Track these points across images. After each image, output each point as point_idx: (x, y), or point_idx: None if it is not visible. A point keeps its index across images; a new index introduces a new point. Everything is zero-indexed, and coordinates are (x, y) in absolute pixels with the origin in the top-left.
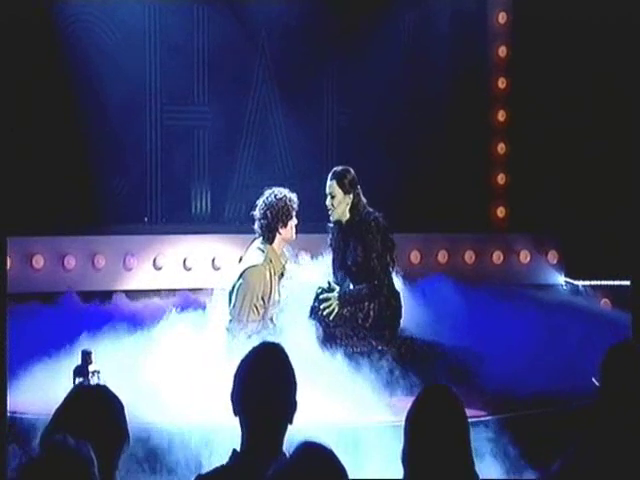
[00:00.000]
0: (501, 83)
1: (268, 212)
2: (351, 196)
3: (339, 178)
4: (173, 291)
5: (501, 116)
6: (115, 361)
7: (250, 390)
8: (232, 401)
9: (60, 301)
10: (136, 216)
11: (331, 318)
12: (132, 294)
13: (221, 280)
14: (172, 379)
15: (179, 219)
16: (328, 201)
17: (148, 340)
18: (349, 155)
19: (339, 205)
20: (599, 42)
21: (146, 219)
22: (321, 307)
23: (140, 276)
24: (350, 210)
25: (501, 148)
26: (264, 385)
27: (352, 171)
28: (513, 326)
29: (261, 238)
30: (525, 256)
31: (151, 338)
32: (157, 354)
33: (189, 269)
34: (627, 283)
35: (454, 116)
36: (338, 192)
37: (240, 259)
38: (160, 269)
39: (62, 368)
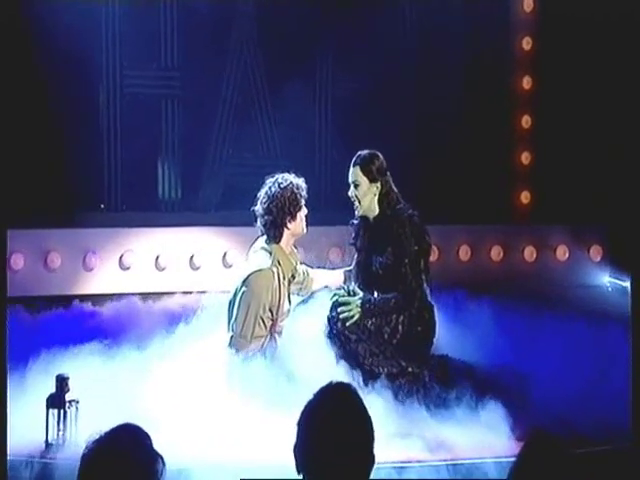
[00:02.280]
0: (526, 43)
1: (272, 205)
2: (378, 185)
3: (364, 164)
4: (144, 295)
5: (526, 83)
6: (91, 388)
7: (320, 443)
8: (296, 456)
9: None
10: (91, 203)
11: (347, 324)
12: (96, 299)
13: (203, 281)
14: (163, 410)
15: (142, 206)
16: (351, 191)
17: (126, 360)
18: (347, 132)
19: (364, 196)
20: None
21: (102, 206)
22: (338, 310)
23: (104, 278)
24: (379, 203)
25: (526, 121)
26: (337, 437)
27: (381, 156)
28: (557, 338)
29: (265, 237)
30: (563, 252)
31: (129, 358)
32: (140, 378)
33: (162, 269)
34: None
35: (469, 84)
36: (362, 180)
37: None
38: (128, 269)
39: (16, 396)
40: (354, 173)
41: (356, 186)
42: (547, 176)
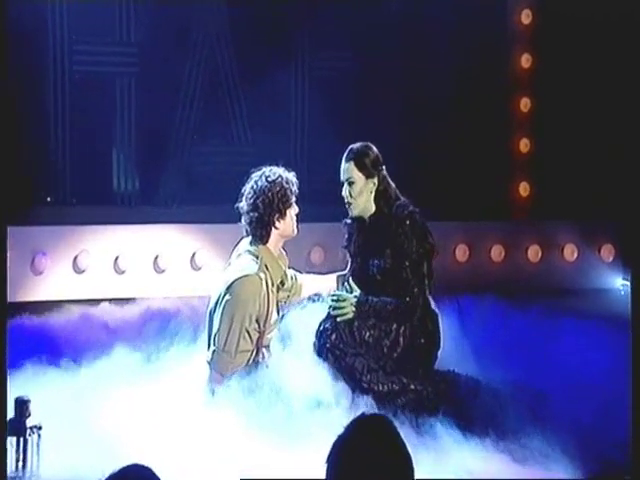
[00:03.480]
0: (526, 17)
1: (259, 201)
2: (375, 181)
3: (358, 158)
4: (102, 301)
5: (525, 62)
6: (54, 411)
7: None
8: None
9: None
10: (36, 196)
11: (339, 332)
12: (47, 307)
13: (169, 286)
14: (134, 436)
15: (95, 200)
16: (345, 191)
17: (89, 377)
18: (329, 117)
19: (360, 194)
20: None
21: (49, 199)
22: (329, 304)
23: (56, 282)
24: (376, 200)
25: (524, 104)
26: (374, 477)
27: (374, 148)
28: (568, 348)
29: (251, 237)
30: (571, 252)
31: (92, 375)
32: (108, 398)
33: (122, 272)
34: None
35: (463, 63)
36: (358, 177)
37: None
38: (83, 272)
39: None
40: (347, 169)
41: (350, 184)
42: (549, 166)
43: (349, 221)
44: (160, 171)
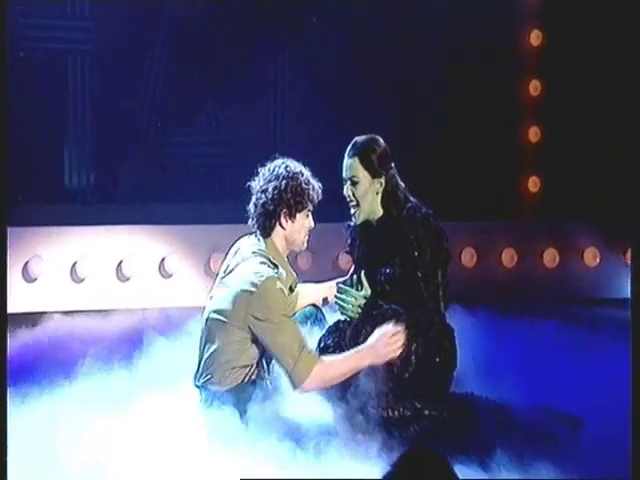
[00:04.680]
0: None
1: (270, 185)
2: (382, 180)
3: (364, 153)
4: (59, 314)
5: (535, 39)
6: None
7: None
8: None
9: None
10: None
11: (341, 314)
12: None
13: (135, 296)
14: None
15: (44, 198)
16: (346, 190)
17: (49, 404)
18: (313, 100)
19: (365, 196)
20: None
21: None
22: (335, 296)
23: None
24: (383, 202)
25: (534, 87)
26: None
27: (382, 141)
28: (597, 366)
29: (255, 226)
30: (593, 256)
31: (51, 401)
32: (73, 425)
33: (81, 280)
34: None
35: (466, 39)
36: (363, 176)
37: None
38: (35, 280)
39: None
40: (351, 167)
41: (354, 184)
42: (562, 158)
43: (352, 224)
44: (120, 164)
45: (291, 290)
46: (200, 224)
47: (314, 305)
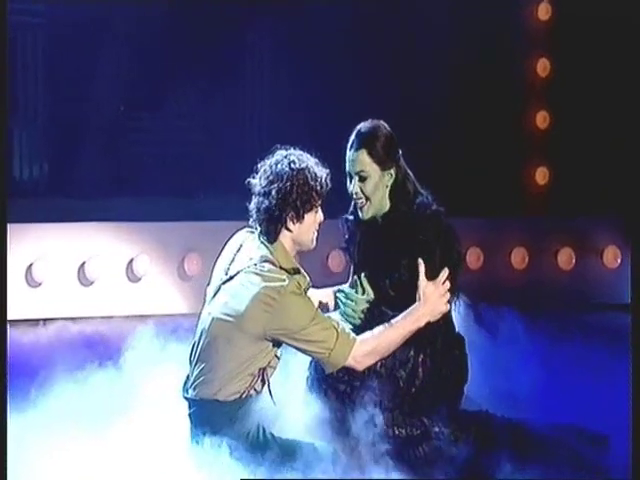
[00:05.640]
0: None
1: (273, 188)
2: (392, 172)
3: (370, 144)
4: (12, 323)
5: (544, 13)
6: None
7: None
8: None
9: None
10: None
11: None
12: None
13: (100, 302)
14: None
15: None
16: (353, 186)
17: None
18: (297, 80)
19: (375, 191)
20: None
21: None
22: (336, 301)
23: None
24: (391, 195)
25: (543, 67)
26: None
27: (387, 127)
28: (619, 379)
29: (259, 234)
30: (614, 256)
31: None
32: (37, 443)
33: (37, 284)
34: None
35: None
36: (372, 170)
37: (222, 281)
38: None
39: None
40: (358, 160)
41: (363, 179)
42: (574, 145)
43: (351, 217)
44: (81, 153)
45: (304, 292)
46: (173, 221)
47: None
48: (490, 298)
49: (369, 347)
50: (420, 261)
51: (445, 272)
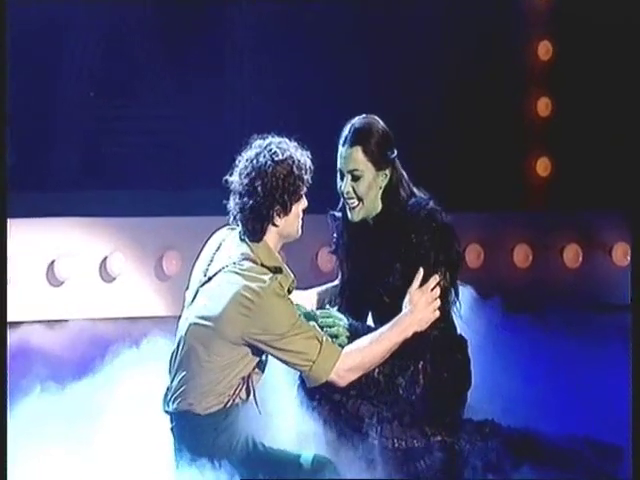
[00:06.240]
0: None
1: (258, 184)
2: (387, 172)
3: (365, 141)
4: None
5: None
6: None
7: None
8: None
9: None
10: None
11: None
12: None
13: (72, 303)
14: None
15: None
16: (345, 186)
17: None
18: (282, 67)
19: (369, 192)
20: None
21: None
22: (319, 322)
23: None
24: (384, 195)
25: (545, 49)
26: None
27: (381, 122)
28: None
29: (240, 230)
30: (624, 253)
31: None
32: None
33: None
34: None
35: None
36: (367, 168)
37: (202, 283)
38: None
39: None
40: (352, 158)
41: (356, 178)
42: (577, 134)
43: (338, 214)
44: (50, 142)
45: (288, 292)
46: (150, 216)
47: None
48: (491, 299)
49: (353, 361)
50: (420, 269)
51: (435, 278)
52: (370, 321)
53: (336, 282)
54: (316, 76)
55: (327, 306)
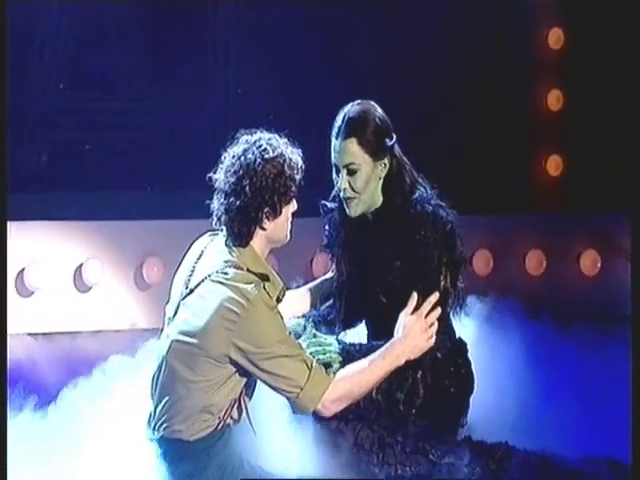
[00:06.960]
0: None
1: (246, 184)
2: (386, 161)
3: (361, 131)
4: None
5: None
6: None
7: None
8: None
9: None
10: None
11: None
12: None
13: (43, 314)
14: None
15: None
16: (342, 181)
17: None
18: (269, 59)
19: (367, 185)
20: None
21: None
22: (308, 345)
23: None
24: (384, 187)
25: (556, 38)
26: None
27: (378, 109)
28: None
29: (226, 237)
30: None
31: None
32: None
33: None
34: None
35: None
36: (364, 161)
37: (186, 292)
38: None
39: None
40: (347, 150)
41: (352, 172)
42: (590, 130)
43: (331, 204)
44: (20, 139)
45: (278, 301)
46: (129, 219)
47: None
48: (502, 309)
49: (342, 391)
50: (413, 294)
51: (429, 302)
52: (364, 324)
53: (329, 275)
54: (306, 68)
55: (313, 330)
